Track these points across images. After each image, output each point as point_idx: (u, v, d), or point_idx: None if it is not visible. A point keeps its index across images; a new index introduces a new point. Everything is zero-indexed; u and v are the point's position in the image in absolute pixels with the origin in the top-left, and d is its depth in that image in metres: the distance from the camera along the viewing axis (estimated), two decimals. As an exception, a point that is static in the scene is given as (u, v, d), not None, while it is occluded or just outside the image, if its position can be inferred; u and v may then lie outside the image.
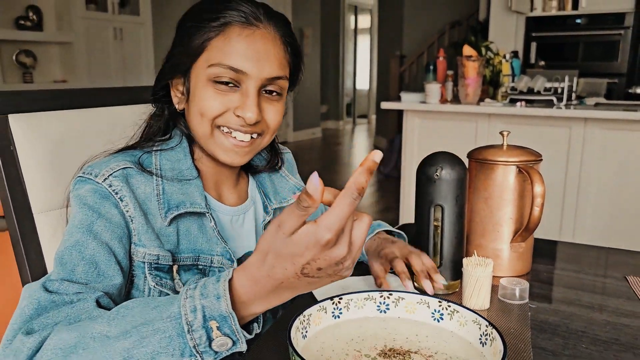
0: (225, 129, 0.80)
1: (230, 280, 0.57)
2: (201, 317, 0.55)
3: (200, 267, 0.80)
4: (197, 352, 0.55)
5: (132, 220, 0.75)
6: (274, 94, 0.81)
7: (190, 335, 0.54)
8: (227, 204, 0.89)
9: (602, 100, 3.39)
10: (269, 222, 0.91)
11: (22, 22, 4.40)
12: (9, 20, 4.34)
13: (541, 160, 0.97)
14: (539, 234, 1.02)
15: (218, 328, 0.55)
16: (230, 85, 0.77)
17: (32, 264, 0.87)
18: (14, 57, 4.38)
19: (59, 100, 0.93)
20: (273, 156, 0.97)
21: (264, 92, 0.80)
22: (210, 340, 0.55)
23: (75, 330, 0.58)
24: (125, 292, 0.76)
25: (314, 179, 0.50)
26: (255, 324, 0.62)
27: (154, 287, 0.76)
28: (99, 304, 0.67)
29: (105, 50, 4.82)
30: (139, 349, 0.55)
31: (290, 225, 0.51)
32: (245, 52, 0.76)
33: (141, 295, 0.77)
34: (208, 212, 0.81)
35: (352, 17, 10.78)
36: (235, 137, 0.80)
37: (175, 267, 0.78)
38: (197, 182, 0.82)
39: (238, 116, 0.78)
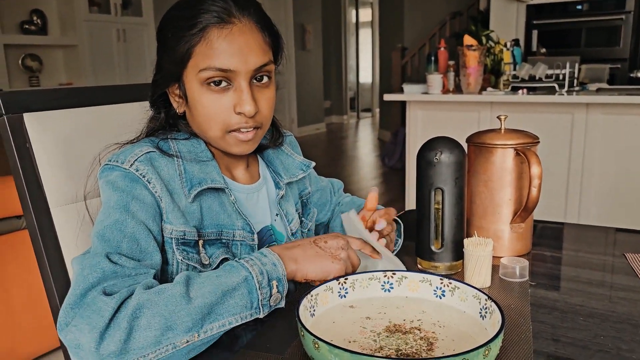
0: (233, 132, 0.85)
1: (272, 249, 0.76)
2: (267, 278, 0.72)
3: (223, 241, 0.86)
4: (261, 304, 0.71)
5: (161, 200, 0.80)
6: (264, 79, 0.85)
7: (260, 291, 0.70)
8: (241, 183, 0.94)
9: (605, 85, 3.40)
10: (282, 196, 0.96)
11: (27, 26, 4.45)
12: (14, 25, 4.39)
13: (538, 142, 1.00)
14: (543, 217, 1.05)
15: (277, 286, 0.72)
16: (223, 84, 0.82)
17: (50, 258, 0.91)
18: (20, 62, 4.43)
19: (71, 98, 0.96)
20: (275, 132, 1.01)
21: (254, 81, 0.84)
22: (270, 296, 0.72)
23: (156, 292, 0.66)
24: None
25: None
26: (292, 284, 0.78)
27: (181, 260, 0.81)
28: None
29: (109, 52, 4.86)
30: (220, 305, 0.68)
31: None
32: (227, 51, 0.80)
33: (170, 268, 0.82)
34: (227, 188, 0.87)
35: (353, 11, 10.78)
36: (242, 133, 0.85)
37: (200, 242, 0.83)
38: (213, 162, 0.88)
39: (239, 113, 0.83)
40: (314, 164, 1.05)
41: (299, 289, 0.90)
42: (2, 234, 1.96)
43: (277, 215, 0.98)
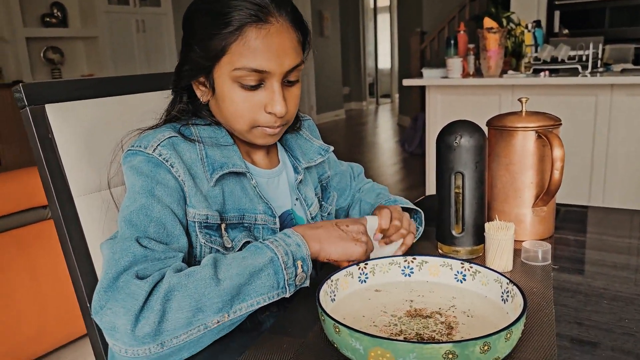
0: (261, 128, 0.85)
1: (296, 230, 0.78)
2: (292, 258, 0.73)
3: (245, 224, 0.87)
4: (287, 284, 0.72)
5: (184, 183, 0.81)
6: (294, 79, 0.85)
7: (286, 271, 0.72)
8: (261, 168, 0.94)
9: (630, 66, 3.31)
10: (301, 181, 0.97)
11: (48, 19, 4.50)
12: (35, 18, 4.45)
13: (560, 124, 0.98)
14: (567, 200, 1.03)
15: (301, 266, 0.73)
16: (255, 84, 0.81)
17: (75, 246, 0.93)
18: (41, 54, 4.50)
19: (91, 89, 0.97)
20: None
21: (285, 83, 0.84)
22: (295, 275, 0.73)
23: (186, 275, 0.68)
24: None
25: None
26: (307, 280, 0.77)
27: (204, 243, 0.82)
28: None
29: (129, 43, 4.91)
30: (248, 286, 0.69)
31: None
32: (264, 52, 0.79)
33: (194, 251, 0.83)
34: (248, 172, 0.87)
35: (371, -4, 10.67)
36: (269, 128, 0.86)
37: (223, 226, 0.84)
38: (234, 147, 0.89)
39: (269, 112, 0.83)
40: (332, 148, 1.04)
41: (320, 273, 0.90)
42: (30, 224, 2.00)
43: (297, 199, 0.98)
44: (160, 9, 5.18)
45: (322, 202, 1.05)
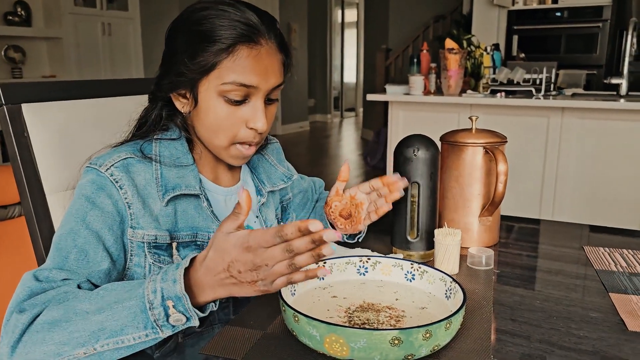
0: (239, 145, 0.89)
1: (189, 268, 0.69)
2: (160, 297, 0.66)
3: (198, 243, 0.89)
4: (157, 325, 0.67)
5: (129, 206, 0.83)
6: (274, 97, 0.90)
7: (151, 311, 0.66)
8: (222, 185, 0.98)
9: (581, 90, 3.52)
10: (263, 204, 1.01)
11: (11, 17, 4.44)
12: (-2, 16, 4.37)
13: (506, 142, 1.07)
14: (519, 213, 1.11)
15: (174, 306, 0.66)
16: (240, 99, 0.85)
17: (45, 242, 0.96)
18: (2, 53, 4.42)
19: (68, 90, 1.01)
20: None
21: (267, 100, 0.89)
22: (167, 316, 0.66)
23: (62, 308, 0.69)
24: (127, 268, 0.85)
25: (242, 194, 0.65)
26: (212, 304, 0.71)
27: (153, 263, 0.85)
28: (80, 288, 0.77)
29: (94, 46, 4.87)
30: (111, 322, 0.67)
31: (228, 226, 0.66)
32: (254, 69, 0.83)
33: (143, 271, 0.86)
34: (201, 194, 0.90)
35: (339, 11, 10.86)
36: (246, 146, 0.89)
37: (174, 245, 0.87)
38: (193, 167, 0.91)
39: (250, 128, 0.87)
40: (295, 176, 1.09)
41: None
42: (-11, 223, 1.98)
43: (257, 217, 1.02)
44: (127, 13, 5.16)
45: (281, 223, 1.09)
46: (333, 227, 0.99)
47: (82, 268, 0.78)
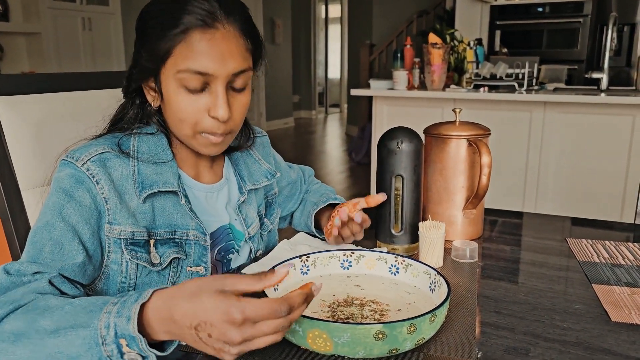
0: (205, 134, 0.86)
1: (147, 302, 0.61)
2: (113, 334, 0.59)
3: (177, 240, 0.88)
4: None
5: (106, 202, 0.82)
6: (241, 85, 0.85)
7: (104, 347, 0.60)
8: (203, 182, 0.96)
9: (562, 85, 3.55)
10: (244, 201, 0.99)
11: (-12, 12, 4.34)
12: (-26, 11, 4.27)
13: (489, 134, 1.07)
14: (502, 206, 1.11)
15: (127, 345, 0.59)
16: (199, 87, 0.82)
17: (20, 240, 0.93)
18: (-20, 48, 4.33)
19: (43, 83, 0.99)
20: (243, 136, 1.03)
21: (231, 88, 0.84)
22: (122, 353, 0.60)
23: (25, 320, 0.65)
24: (104, 266, 0.84)
25: (282, 269, 0.60)
26: (175, 341, 0.64)
27: (130, 259, 0.83)
28: (52, 284, 0.74)
29: (74, 41, 4.79)
30: (67, 347, 0.61)
31: (235, 282, 0.57)
32: (208, 54, 0.79)
33: (119, 268, 0.84)
34: (179, 191, 0.88)
35: (323, 7, 10.83)
36: (212, 136, 0.86)
37: (152, 242, 0.85)
38: (171, 164, 0.89)
39: (212, 117, 0.83)
40: (279, 174, 1.07)
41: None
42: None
43: (237, 216, 1.00)
44: (108, 8, 5.08)
45: (265, 219, 1.07)
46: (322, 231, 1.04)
47: (56, 261, 0.76)
